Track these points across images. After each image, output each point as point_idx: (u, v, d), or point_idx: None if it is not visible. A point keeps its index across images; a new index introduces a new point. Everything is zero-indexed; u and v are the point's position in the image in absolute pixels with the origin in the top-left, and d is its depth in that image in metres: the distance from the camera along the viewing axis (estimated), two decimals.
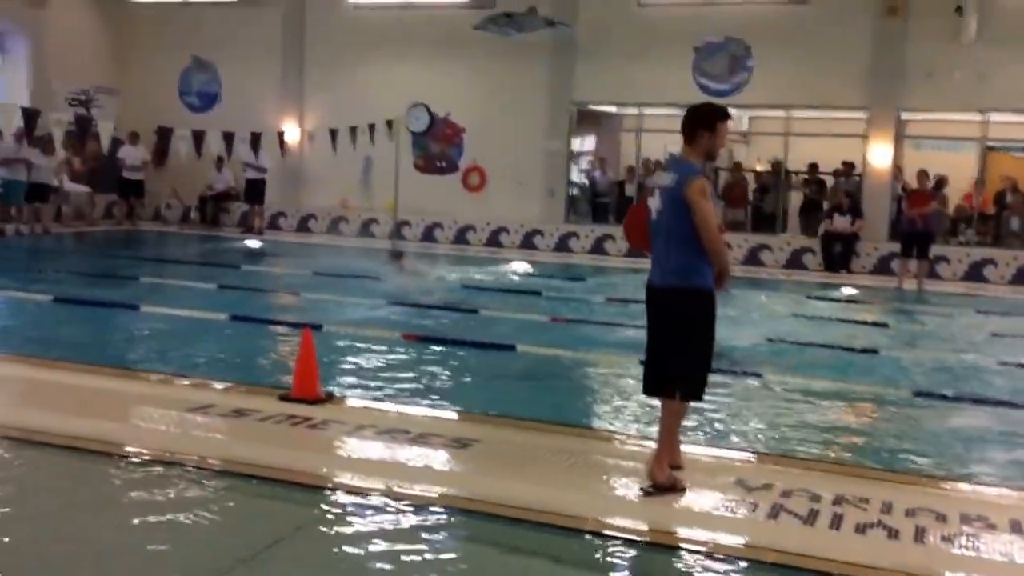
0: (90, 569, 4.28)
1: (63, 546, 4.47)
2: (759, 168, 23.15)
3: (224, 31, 23.53)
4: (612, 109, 23.81)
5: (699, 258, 5.43)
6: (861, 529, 5.03)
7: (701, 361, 5.61)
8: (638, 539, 4.84)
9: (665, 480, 5.45)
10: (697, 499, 5.38)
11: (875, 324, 13.13)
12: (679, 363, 5.52)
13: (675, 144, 5.80)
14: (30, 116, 17.05)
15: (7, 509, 4.87)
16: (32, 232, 19.71)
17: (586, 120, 23.40)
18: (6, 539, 4.51)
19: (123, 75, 24.33)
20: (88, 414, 6.55)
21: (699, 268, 5.45)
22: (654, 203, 5.61)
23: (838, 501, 5.38)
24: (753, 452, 6.54)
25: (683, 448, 6.19)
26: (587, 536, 4.84)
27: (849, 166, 20.85)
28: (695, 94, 18.78)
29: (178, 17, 23.97)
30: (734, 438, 6.94)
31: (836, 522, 5.10)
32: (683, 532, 4.93)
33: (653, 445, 5.78)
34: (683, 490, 5.46)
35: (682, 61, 20.33)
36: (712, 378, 8.29)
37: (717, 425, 7.20)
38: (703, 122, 5.62)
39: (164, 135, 20.25)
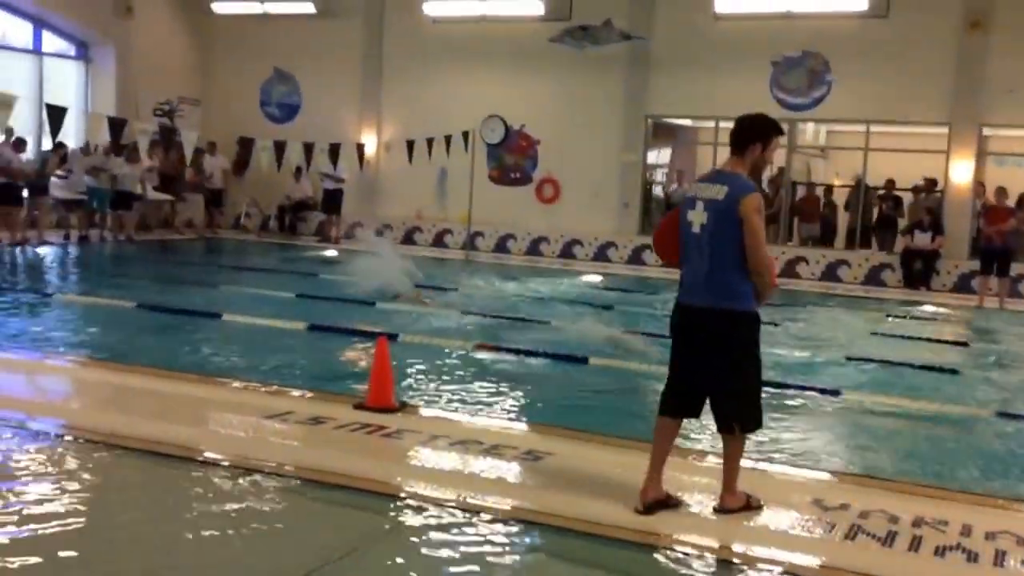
0: (163, 572, 4.34)
1: (137, 547, 4.55)
2: (838, 183, 22.85)
3: (304, 43, 23.88)
4: (687, 122, 23.70)
5: (745, 278, 5.19)
6: (940, 552, 4.93)
7: (754, 387, 5.39)
8: (711, 556, 4.80)
9: (738, 505, 5.36)
10: (773, 518, 5.31)
11: (955, 343, 12.90)
12: (731, 392, 5.29)
13: None
14: (116, 126, 17.47)
15: (85, 511, 4.97)
16: (115, 239, 20.17)
17: (661, 132, 23.33)
18: (84, 539, 4.61)
19: (206, 86, 24.87)
20: (168, 419, 6.66)
21: (745, 289, 5.20)
22: (696, 216, 5.24)
23: (917, 523, 5.28)
24: (830, 471, 6.45)
25: (759, 466, 6.15)
26: (661, 552, 4.81)
27: (931, 182, 20.48)
28: (773, 108, 18.58)
29: (259, 29, 24.38)
30: (811, 457, 6.84)
31: (915, 544, 5.01)
32: (758, 550, 4.86)
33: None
34: (759, 508, 5.39)
35: (759, 75, 20.19)
36: (790, 396, 8.32)
37: (794, 443, 7.11)
38: (757, 133, 5.34)
39: (245, 145, 20.66)
